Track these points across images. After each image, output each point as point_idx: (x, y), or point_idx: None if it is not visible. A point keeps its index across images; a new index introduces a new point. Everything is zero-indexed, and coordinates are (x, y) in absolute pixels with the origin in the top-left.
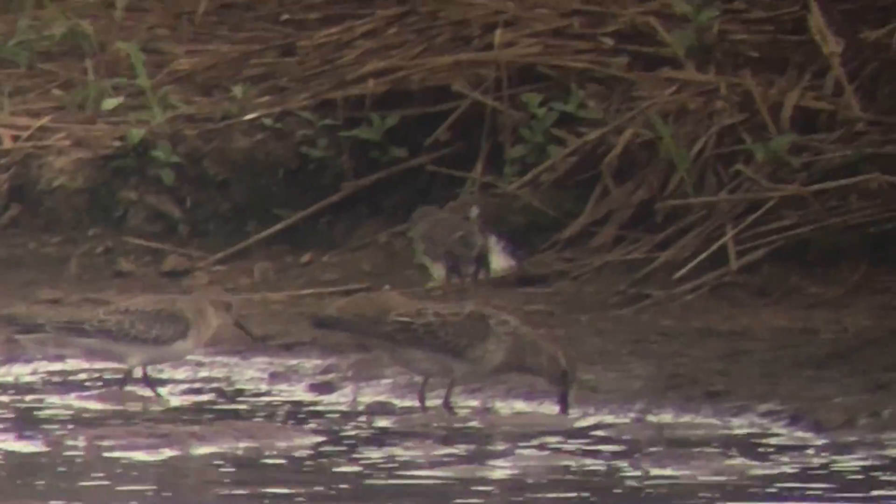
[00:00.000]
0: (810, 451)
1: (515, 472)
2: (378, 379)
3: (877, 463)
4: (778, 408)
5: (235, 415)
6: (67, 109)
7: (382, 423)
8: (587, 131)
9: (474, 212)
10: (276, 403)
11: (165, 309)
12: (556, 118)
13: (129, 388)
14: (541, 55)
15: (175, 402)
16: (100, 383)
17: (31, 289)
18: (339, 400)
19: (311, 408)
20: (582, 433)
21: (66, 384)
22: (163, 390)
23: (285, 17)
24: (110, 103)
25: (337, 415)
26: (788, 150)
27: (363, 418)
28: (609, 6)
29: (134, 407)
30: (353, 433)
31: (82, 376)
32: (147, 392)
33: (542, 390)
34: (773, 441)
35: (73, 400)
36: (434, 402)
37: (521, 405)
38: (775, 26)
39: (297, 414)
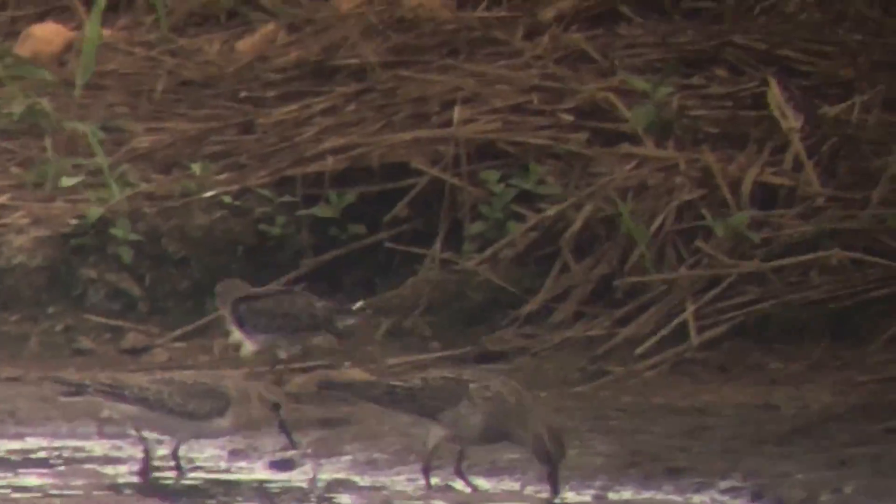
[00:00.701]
0: None
1: None
2: (338, 456)
3: None
4: (739, 484)
5: (188, 493)
6: (26, 188)
7: (345, 499)
8: (546, 207)
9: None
10: (233, 481)
11: (207, 384)
12: (515, 194)
13: (89, 465)
14: (500, 132)
15: (128, 480)
16: (59, 461)
17: None
18: (299, 477)
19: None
20: None
21: (24, 462)
22: (123, 468)
23: (244, 94)
24: (69, 181)
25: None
26: (748, 226)
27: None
28: (568, 82)
29: (76, 481)
30: None
31: (42, 454)
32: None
33: (503, 467)
34: None
35: (19, 479)
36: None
37: (481, 482)
38: (734, 102)
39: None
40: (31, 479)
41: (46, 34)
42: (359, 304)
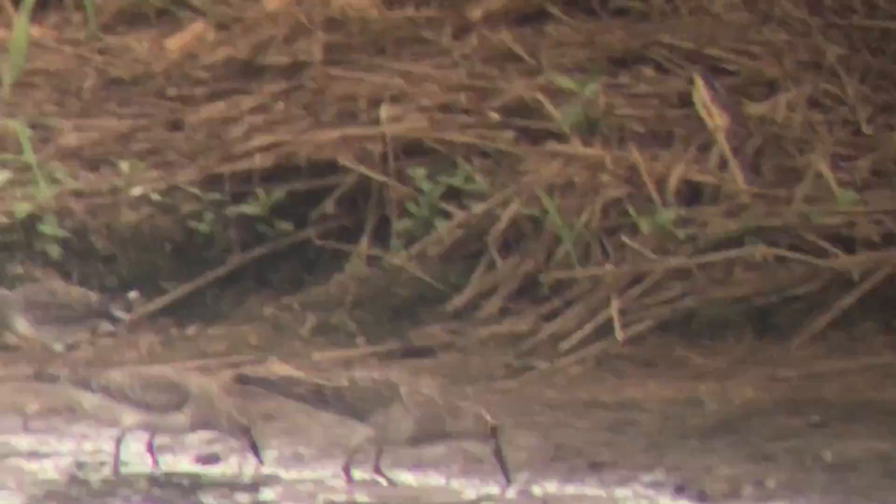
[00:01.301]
0: None
1: None
2: (264, 450)
3: None
4: (663, 478)
5: (114, 488)
6: None
7: (269, 495)
8: (473, 205)
9: None
10: (158, 476)
11: (167, 378)
12: (442, 192)
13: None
14: (427, 130)
15: (54, 475)
16: None
17: None
18: (224, 472)
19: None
20: None
21: None
22: (49, 463)
23: (173, 92)
24: None
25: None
26: (674, 223)
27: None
28: (496, 81)
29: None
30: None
31: None
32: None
33: (428, 462)
34: None
35: None
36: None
37: (407, 478)
38: (660, 100)
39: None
40: None
41: None
42: (133, 293)
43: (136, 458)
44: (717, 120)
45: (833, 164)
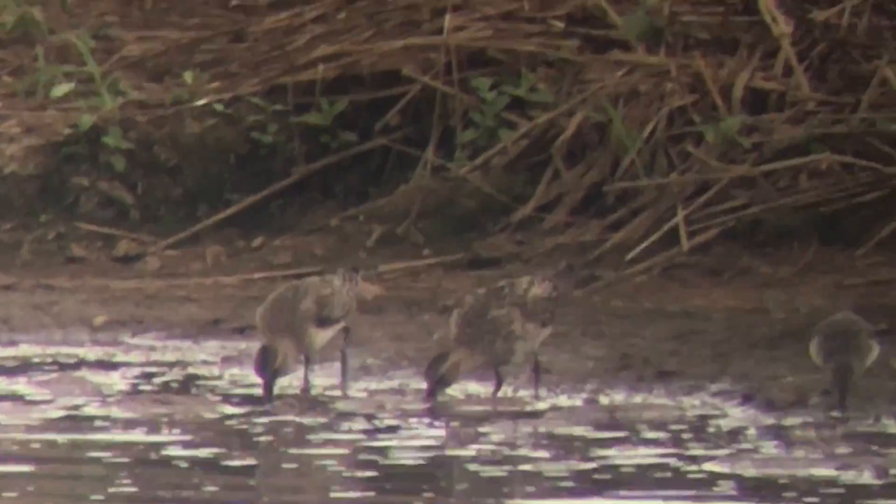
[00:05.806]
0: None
1: None
2: (331, 362)
3: None
4: (730, 387)
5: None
6: (18, 96)
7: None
8: (538, 114)
9: None
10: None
11: None
12: (506, 102)
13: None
14: (490, 39)
15: (123, 386)
16: (53, 367)
17: None
18: (292, 383)
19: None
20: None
21: (17, 368)
22: (116, 375)
23: (235, 2)
24: (61, 90)
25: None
26: (739, 131)
27: None
28: None
29: (75, 391)
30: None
31: (35, 360)
32: None
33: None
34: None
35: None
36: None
37: (474, 387)
38: (725, 7)
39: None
40: (23, 386)
41: None
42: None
43: (204, 368)
44: (781, 26)
45: None
